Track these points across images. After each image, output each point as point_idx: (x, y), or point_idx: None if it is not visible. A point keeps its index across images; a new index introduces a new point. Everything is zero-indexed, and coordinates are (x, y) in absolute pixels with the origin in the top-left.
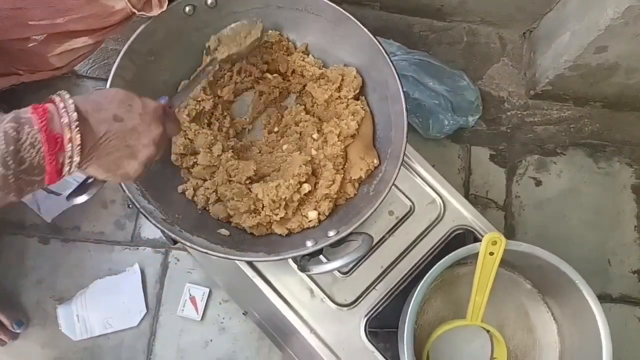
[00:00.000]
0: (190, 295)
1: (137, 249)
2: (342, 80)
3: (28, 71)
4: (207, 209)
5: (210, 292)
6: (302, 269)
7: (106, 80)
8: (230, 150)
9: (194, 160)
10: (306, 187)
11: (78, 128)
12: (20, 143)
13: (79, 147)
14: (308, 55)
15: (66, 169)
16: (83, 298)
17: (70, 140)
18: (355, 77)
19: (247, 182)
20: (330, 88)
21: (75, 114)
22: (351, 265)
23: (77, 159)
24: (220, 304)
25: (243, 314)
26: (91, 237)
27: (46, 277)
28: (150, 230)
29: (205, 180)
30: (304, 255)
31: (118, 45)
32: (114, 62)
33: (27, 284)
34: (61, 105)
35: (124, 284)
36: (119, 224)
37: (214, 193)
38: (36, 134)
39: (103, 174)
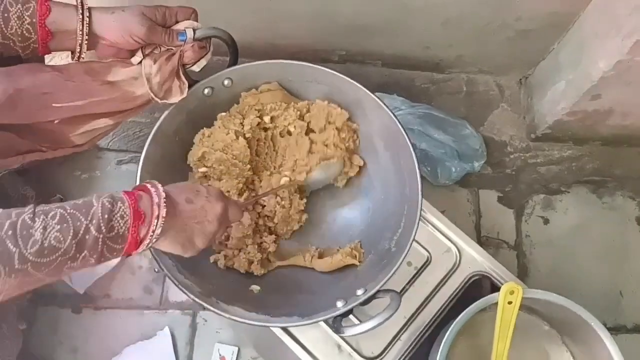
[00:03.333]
0: (220, 355)
1: (166, 312)
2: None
3: (50, 148)
4: (249, 271)
5: (239, 350)
6: (337, 331)
7: (126, 151)
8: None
9: (226, 234)
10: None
11: (165, 204)
12: (113, 214)
13: (163, 220)
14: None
15: (146, 241)
16: None
17: (157, 216)
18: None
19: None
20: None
21: (164, 194)
22: None
23: (158, 231)
24: None
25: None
26: (121, 303)
27: (80, 345)
28: (177, 293)
29: (240, 249)
30: (335, 317)
31: (137, 117)
32: (143, 149)
33: (62, 354)
34: (153, 189)
35: (155, 348)
36: (147, 288)
37: (259, 253)
38: (126, 209)
39: (179, 250)
